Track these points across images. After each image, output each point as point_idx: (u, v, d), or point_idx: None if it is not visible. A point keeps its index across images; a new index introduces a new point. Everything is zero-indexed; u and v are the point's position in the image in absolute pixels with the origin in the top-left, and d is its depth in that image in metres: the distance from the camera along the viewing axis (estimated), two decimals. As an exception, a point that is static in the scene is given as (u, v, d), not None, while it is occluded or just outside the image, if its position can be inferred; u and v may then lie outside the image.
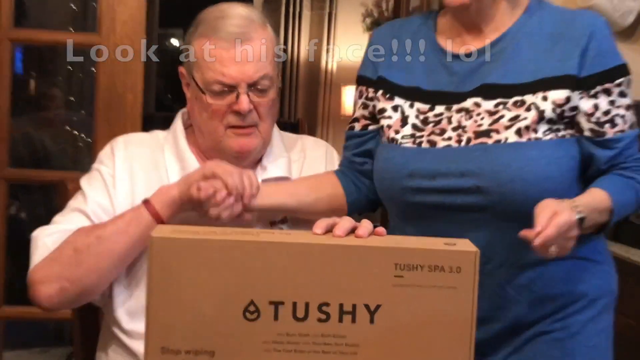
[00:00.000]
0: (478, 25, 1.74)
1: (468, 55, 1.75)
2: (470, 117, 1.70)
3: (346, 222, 1.43)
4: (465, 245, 1.40)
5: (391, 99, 1.79)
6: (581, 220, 1.55)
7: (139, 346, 1.66)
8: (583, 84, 1.67)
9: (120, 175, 1.74)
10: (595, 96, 1.68)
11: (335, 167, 1.90)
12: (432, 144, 1.71)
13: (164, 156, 1.78)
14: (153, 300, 1.35)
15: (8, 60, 2.52)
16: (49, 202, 4.51)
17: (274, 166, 1.80)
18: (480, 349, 1.74)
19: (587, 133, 1.70)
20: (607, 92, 1.68)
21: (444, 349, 1.38)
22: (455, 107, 1.72)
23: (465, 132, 1.69)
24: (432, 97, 1.75)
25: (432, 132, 1.72)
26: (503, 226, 1.66)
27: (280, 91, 1.78)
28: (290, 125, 7.25)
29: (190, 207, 1.64)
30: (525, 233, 1.47)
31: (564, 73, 1.67)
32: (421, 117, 1.75)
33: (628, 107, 1.71)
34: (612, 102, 1.69)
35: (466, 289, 1.37)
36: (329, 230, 1.43)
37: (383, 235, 1.44)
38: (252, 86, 1.69)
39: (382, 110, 1.80)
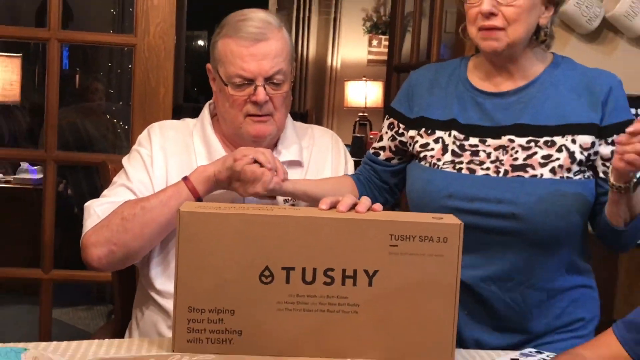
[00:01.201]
0: (508, 69, 1.70)
1: (499, 94, 1.72)
2: (506, 152, 1.67)
3: (348, 199, 1.43)
4: (451, 219, 1.40)
5: (432, 133, 1.75)
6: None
7: (169, 304, 1.66)
8: (603, 132, 1.66)
9: (157, 156, 1.75)
10: (612, 144, 1.65)
11: (340, 153, 1.89)
12: (472, 171, 1.68)
13: (192, 140, 1.79)
14: (181, 266, 1.36)
15: (56, 58, 2.52)
16: (91, 180, 4.52)
17: (287, 151, 1.80)
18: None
19: (601, 175, 1.69)
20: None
21: (432, 307, 1.38)
22: (489, 141, 1.69)
23: (502, 164, 1.66)
24: (467, 129, 1.72)
25: (471, 161, 1.69)
26: (528, 251, 1.65)
27: (292, 86, 1.77)
28: (300, 115, 7.23)
29: (224, 185, 1.64)
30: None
31: (589, 121, 1.66)
32: (458, 143, 1.71)
33: None
34: None
35: (451, 257, 1.38)
36: (333, 206, 1.43)
37: (379, 211, 1.45)
38: (268, 80, 1.69)
39: (425, 145, 1.75)
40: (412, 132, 1.79)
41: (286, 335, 1.37)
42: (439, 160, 1.72)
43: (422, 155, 1.76)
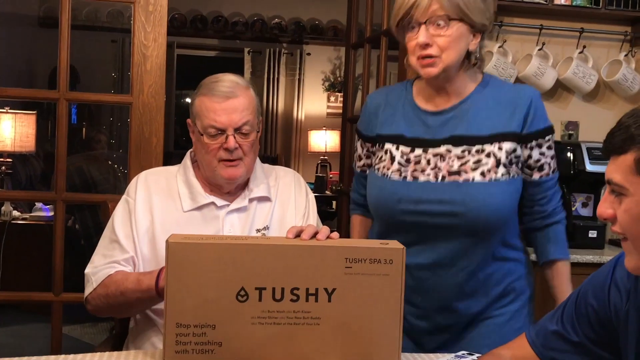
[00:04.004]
0: (445, 90, 1.71)
1: (438, 112, 1.72)
2: (444, 160, 1.68)
3: (310, 228, 1.42)
4: (395, 244, 1.40)
5: (383, 147, 1.76)
6: None
7: (160, 321, 1.64)
8: (524, 139, 1.69)
9: (140, 206, 1.72)
10: (530, 148, 1.70)
11: (302, 188, 1.86)
12: (415, 178, 1.69)
13: (176, 183, 1.77)
14: (170, 288, 1.34)
15: (65, 115, 2.49)
16: (95, 216, 4.47)
17: (257, 188, 1.79)
18: (417, 339, 1.74)
19: (523, 175, 1.73)
20: (539, 146, 1.70)
21: (381, 317, 1.38)
22: (430, 150, 1.70)
23: (440, 170, 1.67)
24: (412, 142, 1.72)
25: (415, 170, 1.70)
26: (466, 241, 1.66)
27: (263, 134, 1.78)
28: (271, 158, 7.23)
29: None
30: None
31: (511, 130, 1.68)
32: (404, 157, 1.72)
33: (552, 157, 1.73)
34: (542, 154, 1.71)
35: (396, 275, 1.37)
36: (298, 235, 1.42)
37: (336, 238, 1.44)
38: (237, 130, 1.68)
39: (379, 157, 1.77)
40: (372, 148, 1.82)
41: (260, 344, 1.35)
42: (388, 169, 1.72)
43: (376, 166, 1.77)
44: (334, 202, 6.42)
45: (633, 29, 3.19)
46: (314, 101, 7.65)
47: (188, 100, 11.48)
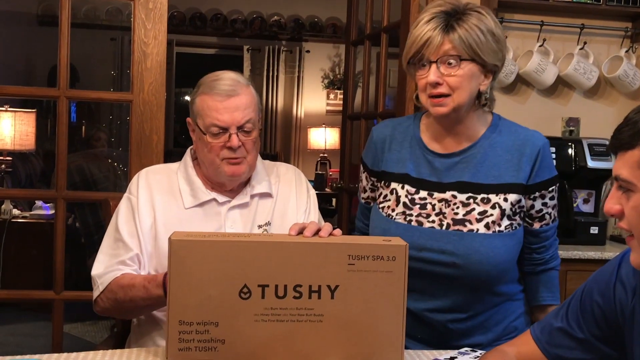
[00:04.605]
0: (455, 130, 1.68)
1: (446, 155, 1.69)
2: (449, 205, 1.66)
3: (313, 225, 1.42)
4: (398, 241, 1.40)
5: (389, 185, 1.74)
6: None
7: (162, 317, 1.64)
8: (528, 189, 1.67)
9: (143, 203, 1.71)
10: (533, 199, 1.68)
11: (302, 184, 1.85)
12: (420, 223, 1.66)
13: (177, 180, 1.76)
14: (172, 286, 1.33)
15: (65, 112, 2.48)
16: (95, 215, 4.45)
17: (259, 185, 1.78)
18: None
19: (524, 224, 1.71)
20: (542, 197, 1.69)
21: (384, 314, 1.37)
22: (436, 195, 1.68)
23: (445, 218, 1.65)
24: (418, 183, 1.70)
25: (420, 214, 1.67)
26: (467, 291, 1.65)
27: (262, 132, 1.78)
28: (270, 156, 7.22)
29: None
30: None
31: (517, 181, 1.66)
32: (409, 197, 1.69)
33: (554, 207, 1.72)
34: (544, 204, 1.69)
35: (399, 272, 1.37)
36: (300, 232, 1.42)
37: (339, 235, 1.43)
38: (240, 128, 1.68)
39: (384, 196, 1.74)
40: (377, 183, 1.79)
41: (262, 342, 1.35)
42: (393, 211, 1.70)
43: (380, 204, 1.75)
44: (334, 200, 6.41)
45: (634, 25, 3.18)
46: (314, 99, 7.65)
47: (187, 98, 11.49)
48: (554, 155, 2.61)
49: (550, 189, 1.69)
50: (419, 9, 2.70)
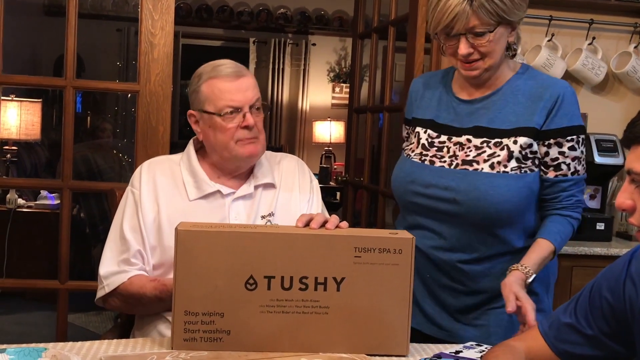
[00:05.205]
0: (484, 82, 1.72)
1: (469, 101, 1.73)
2: (463, 148, 1.70)
3: (319, 217, 1.42)
4: (404, 234, 1.40)
5: (414, 130, 1.81)
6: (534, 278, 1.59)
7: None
8: (541, 135, 1.66)
9: (146, 196, 1.71)
10: (548, 146, 1.67)
11: (305, 174, 1.86)
12: (432, 162, 1.72)
13: (180, 171, 1.75)
14: (179, 276, 1.33)
15: (72, 102, 2.48)
16: (100, 205, 4.46)
17: (263, 175, 1.78)
18: (452, 313, 1.73)
19: (541, 172, 1.69)
20: (559, 145, 1.67)
21: (390, 307, 1.37)
22: (454, 138, 1.72)
23: (456, 159, 1.69)
24: (440, 128, 1.75)
25: (435, 155, 1.73)
26: (469, 229, 1.67)
27: (267, 124, 1.78)
28: (275, 149, 7.20)
29: None
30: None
31: (530, 125, 1.66)
32: (429, 140, 1.75)
33: (575, 158, 1.68)
34: (562, 153, 1.67)
35: (406, 265, 1.37)
36: (307, 224, 1.42)
37: (345, 228, 1.43)
38: (252, 107, 1.68)
39: (410, 140, 1.83)
40: (409, 130, 1.86)
41: (268, 333, 1.35)
42: (412, 151, 1.78)
43: (405, 148, 1.83)
44: (338, 193, 6.41)
45: (643, 20, 3.16)
46: (319, 92, 7.63)
47: (192, 90, 11.48)
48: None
49: (569, 137, 1.67)
50: (427, 2, 2.69)
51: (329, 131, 7.19)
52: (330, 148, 7.13)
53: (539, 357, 1.28)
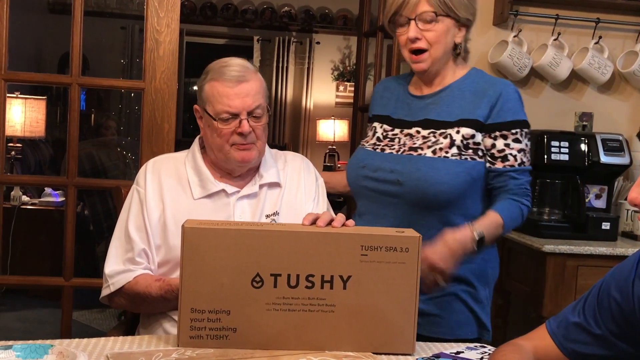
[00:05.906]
0: (433, 80, 1.87)
1: (420, 97, 1.88)
2: (411, 139, 1.84)
3: (326, 215, 1.42)
4: (411, 232, 1.40)
5: (372, 125, 1.96)
6: (482, 238, 1.68)
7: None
8: (486, 128, 1.78)
9: (151, 194, 1.71)
10: (494, 138, 1.78)
11: (310, 172, 1.87)
12: (382, 150, 1.87)
13: (185, 169, 1.75)
14: (185, 273, 1.33)
15: (77, 99, 2.48)
16: (104, 202, 4.47)
17: (267, 174, 1.78)
18: None
19: (488, 163, 1.80)
20: (504, 137, 1.78)
21: (396, 306, 1.37)
22: (405, 130, 1.87)
23: (404, 147, 1.83)
24: (394, 123, 1.90)
25: (386, 145, 1.87)
26: (410, 210, 1.78)
27: (271, 123, 1.78)
28: (279, 147, 7.15)
29: None
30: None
31: (474, 118, 1.79)
32: (384, 133, 1.90)
33: (520, 150, 1.79)
34: (507, 145, 1.78)
35: (412, 264, 1.37)
36: (314, 222, 1.42)
37: (352, 226, 1.43)
38: (250, 114, 1.67)
39: (367, 134, 1.98)
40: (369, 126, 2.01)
41: (274, 331, 1.35)
42: (367, 142, 1.94)
43: (362, 141, 1.98)
44: (342, 192, 6.40)
45: (649, 20, 3.15)
46: (323, 90, 7.63)
47: (195, 88, 11.50)
48: (564, 145, 2.74)
49: (513, 130, 1.78)
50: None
51: (333, 129, 7.19)
52: (334, 146, 7.13)
53: (547, 356, 1.28)
